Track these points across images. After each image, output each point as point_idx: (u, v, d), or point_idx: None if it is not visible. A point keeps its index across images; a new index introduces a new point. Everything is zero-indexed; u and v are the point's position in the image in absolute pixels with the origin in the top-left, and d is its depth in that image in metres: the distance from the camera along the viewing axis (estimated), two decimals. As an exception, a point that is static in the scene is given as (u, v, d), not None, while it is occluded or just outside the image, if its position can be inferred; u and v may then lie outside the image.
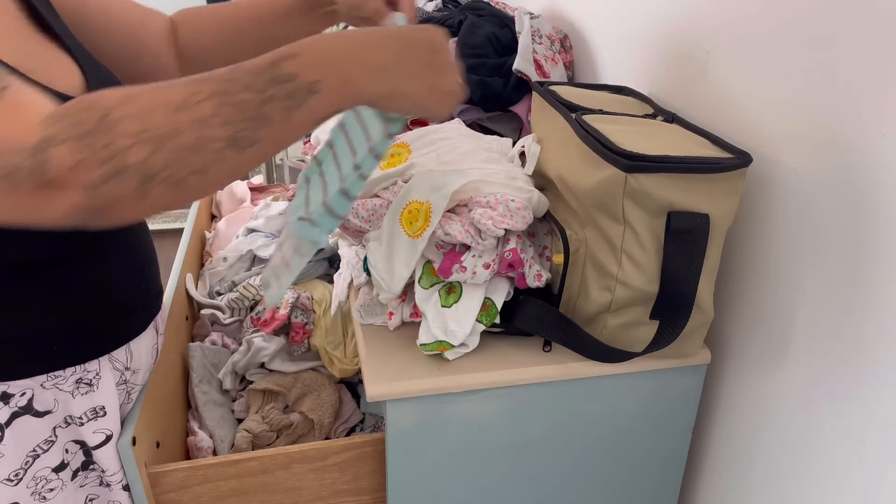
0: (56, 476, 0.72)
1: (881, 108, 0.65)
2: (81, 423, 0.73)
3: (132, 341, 0.77)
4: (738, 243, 0.88)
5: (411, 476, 0.87)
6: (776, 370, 0.83)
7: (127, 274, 0.77)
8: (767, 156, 0.81)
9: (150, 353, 0.83)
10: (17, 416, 0.68)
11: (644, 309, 0.80)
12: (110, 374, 0.75)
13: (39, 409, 0.70)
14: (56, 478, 0.72)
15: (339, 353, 1.17)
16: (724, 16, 0.86)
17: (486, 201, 0.80)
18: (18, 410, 0.68)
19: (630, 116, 0.87)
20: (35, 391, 0.69)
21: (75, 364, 0.71)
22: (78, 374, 0.71)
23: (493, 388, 0.83)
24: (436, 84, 0.59)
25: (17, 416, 0.68)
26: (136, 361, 0.79)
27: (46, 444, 0.71)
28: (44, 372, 0.69)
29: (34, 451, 0.70)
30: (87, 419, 0.73)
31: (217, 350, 1.19)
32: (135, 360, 0.79)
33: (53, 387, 0.70)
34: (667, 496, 1.00)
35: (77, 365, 0.71)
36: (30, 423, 0.70)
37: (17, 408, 0.68)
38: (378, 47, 0.56)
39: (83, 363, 0.72)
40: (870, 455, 0.70)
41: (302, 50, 0.53)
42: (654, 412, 0.91)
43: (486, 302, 0.83)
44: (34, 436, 0.70)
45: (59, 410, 0.71)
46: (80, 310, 0.71)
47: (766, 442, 0.85)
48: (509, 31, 1.23)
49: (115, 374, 0.76)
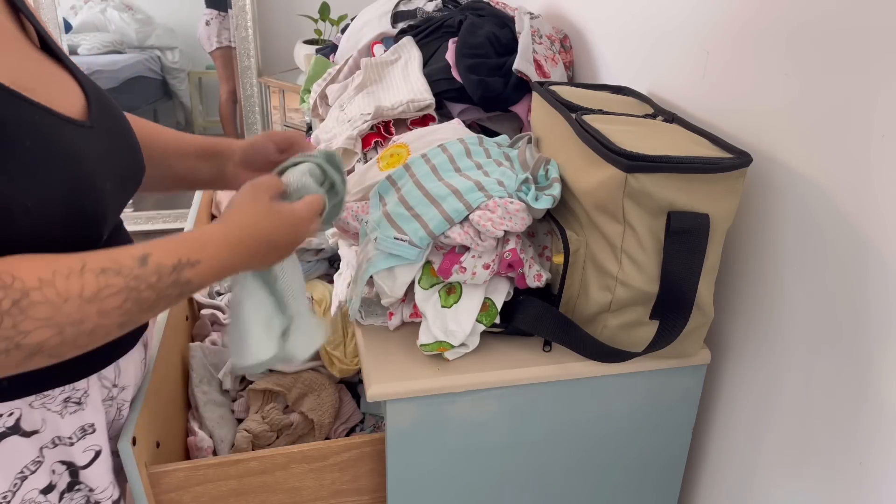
0: (44, 498, 0.71)
1: (881, 108, 0.65)
2: (71, 443, 0.72)
3: (121, 359, 0.77)
4: (738, 243, 0.88)
5: (411, 476, 0.87)
6: (776, 370, 0.83)
7: None
8: (767, 156, 0.81)
9: (138, 369, 0.82)
10: (4, 437, 0.66)
11: (644, 309, 0.80)
12: (98, 391, 0.74)
13: (27, 428, 0.68)
14: (44, 500, 0.71)
15: (339, 353, 1.17)
16: (724, 16, 0.86)
17: (485, 205, 0.80)
18: (6, 431, 0.66)
19: (630, 116, 0.87)
20: (23, 411, 0.67)
21: (64, 384, 0.70)
22: (66, 393, 0.70)
23: (493, 388, 0.83)
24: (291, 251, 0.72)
25: (5, 437, 0.66)
26: (123, 378, 0.78)
27: (34, 464, 0.69)
28: (33, 393, 0.67)
29: (22, 472, 0.68)
30: (77, 438, 0.72)
31: (217, 350, 1.19)
32: (123, 376, 0.78)
33: (42, 406, 0.69)
34: (667, 496, 1.00)
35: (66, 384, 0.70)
36: (17, 443, 0.68)
37: (5, 428, 0.66)
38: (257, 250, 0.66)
39: (72, 382, 0.71)
40: (870, 455, 0.70)
41: (202, 258, 0.61)
42: (654, 412, 0.91)
43: (486, 302, 0.83)
44: (21, 456, 0.68)
45: (47, 430, 0.70)
46: None
47: (766, 442, 0.85)
48: (509, 31, 1.22)
49: (102, 391, 0.75)
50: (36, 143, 0.58)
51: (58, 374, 0.69)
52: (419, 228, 0.80)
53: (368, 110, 1.09)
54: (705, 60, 0.91)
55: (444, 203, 0.79)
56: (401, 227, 0.81)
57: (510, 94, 1.15)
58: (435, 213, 0.79)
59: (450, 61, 1.18)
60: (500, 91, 1.14)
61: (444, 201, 0.80)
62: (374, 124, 1.09)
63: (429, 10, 1.45)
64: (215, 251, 0.62)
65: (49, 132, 0.60)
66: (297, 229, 0.69)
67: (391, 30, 1.38)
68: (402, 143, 0.96)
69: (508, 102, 1.16)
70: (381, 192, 0.87)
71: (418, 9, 1.45)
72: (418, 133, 0.98)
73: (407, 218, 0.81)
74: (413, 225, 0.80)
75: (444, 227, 0.79)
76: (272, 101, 2.59)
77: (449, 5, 1.46)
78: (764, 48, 0.80)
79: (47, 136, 0.59)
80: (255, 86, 2.71)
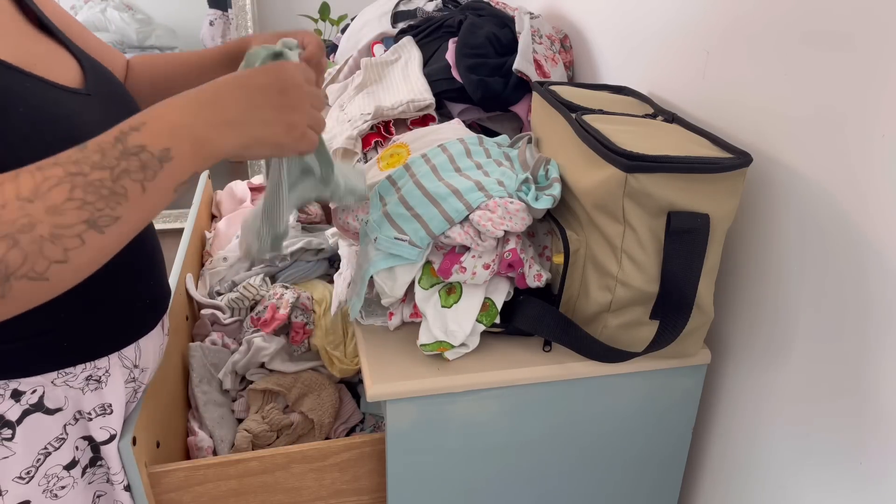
0: (67, 474, 0.73)
1: (881, 108, 0.65)
2: (90, 418, 0.74)
3: (141, 339, 0.78)
4: (738, 243, 0.88)
5: (411, 476, 0.87)
6: (776, 370, 0.83)
7: (136, 272, 0.77)
8: (768, 156, 0.81)
9: (157, 352, 0.84)
10: (28, 414, 0.68)
11: (644, 309, 0.80)
12: (119, 371, 0.75)
13: (51, 406, 0.70)
14: (67, 475, 0.73)
15: (339, 353, 1.17)
16: (724, 16, 0.86)
17: (486, 205, 0.80)
18: (30, 408, 0.69)
19: (630, 116, 0.87)
20: (46, 388, 0.69)
21: (86, 361, 0.71)
22: (88, 371, 0.72)
23: (493, 387, 0.83)
24: (292, 123, 0.59)
25: (29, 414, 0.68)
26: (144, 359, 0.80)
27: (58, 441, 0.71)
28: (55, 369, 0.69)
29: (45, 448, 0.71)
30: (96, 414, 0.74)
31: (217, 350, 1.19)
32: (143, 357, 0.79)
33: (64, 384, 0.70)
34: (667, 496, 1.00)
35: (88, 362, 0.71)
36: (41, 420, 0.70)
37: (29, 405, 0.68)
38: (225, 101, 0.56)
39: (94, 360, 0.72)
40: (870, 455, 0.70)
41: (146, 120, 0.53)
42: (654, 412, 0.91)
43: (486, 302, 0.83)
44: (46, 433, 0.71)
45: (70, 407, 0.72)
46: (90, 307, 0.71)
47: (766, 442, 0.85)
48: (509, 31, 1.22)
49: (124, 371, 0.76)
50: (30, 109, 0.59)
51: (79, 351, 0.71)
52: (419, 228, 0.80)
53: (368, 110, 1.09)
54: (705, 60, 0.91)
55: (444, 203, 0.79)
56: (401, 227, 0.81)
57: (510, 94, 1.15)
58: (435, 213, 0.80)
59: (450, 61, 1.18)
60: (500, 91, 1.14)
61: (444, 201, 0.80)
62: (374, 124, 1.09)
63: (429, 10, 1.45)
64: (165, 109, 0.55)
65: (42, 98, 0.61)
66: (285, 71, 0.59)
67: (391, 30, 1.38)
68: (402, 143, 0.96)
69: (508, 102, 1.16)
70: (381, 192, 0.87)
71: (418, 9, 1.45)
72: (418, 133, 0.98)
73: (407, 218, 0.81)
74: (413, 225, 0.80)
75: (445, 227, 0.79)
76: (272, 101, 2.59)
77: (449, 5, 1.46)
78: (764, 48, 0.80)
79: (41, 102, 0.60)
80: (255, 86, 2.70)
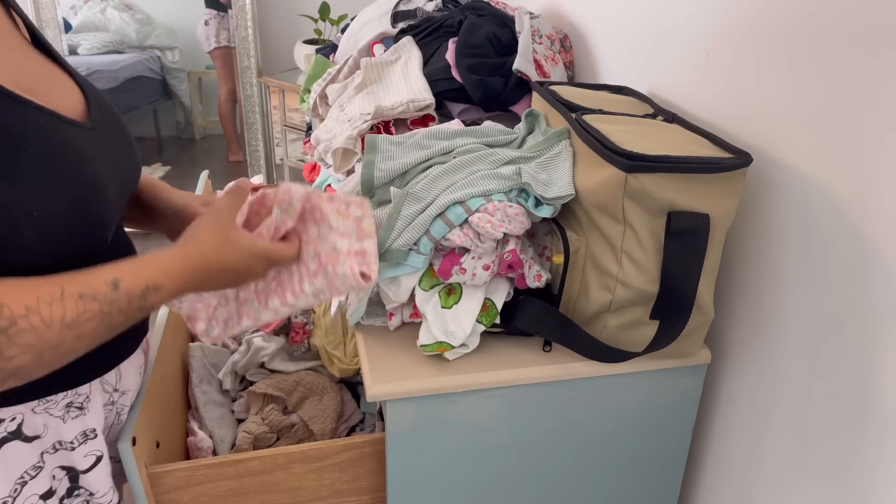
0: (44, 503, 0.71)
1: (881, 108, 0.65)
2: (73, 448, 0.72)
3: (122, 363, 0.77)
4: (738, 243, 0.88)
5: (411, 476, 0.87)
6: (776, 370, 0.83)
7: None
8: (768, 156, 0.81)
9: (137, 374, 0.82)
10: (6, 442, 0.67)
11: (644, 309, 0.79)
12: (100, 396, 0.74)
13: (28, 433, 0.68)
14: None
15: (339, 353, 1.17)
16: (725, 16, 0.86)
17: (485, 208, 0.80)
18: (7, 436, 0.67)
19: (630, 116, 0.87)
20: (25, 416, 0.68)
21: (67, 389, 0.70)
22: (69, 398, 0.70)
23: (493, 388, 0.83)
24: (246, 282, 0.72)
25: (7, 442, 0.67)
26: (124, 383, 0.78)
27: (34, 469, 0.69)
28: (36, 398, 0.68)
29: (22, 477, 0.69)
30: (79, 443, 0.72)
31: (217, 350, 1.19)
32: (123, 381, 0.78)
33: (44, 411, 0.69)
34: (667, 496, 1.00)
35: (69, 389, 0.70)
36: (19, 448, 0.68)
37: (7, 433, 0.67)
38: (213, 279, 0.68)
39: (75, 387, 0.71)
40: (870, 455, 0.70)
41: (166, 284, 0.63)
42: (654, 412, 0.91)
43: (487, 302, 0.83)
44: (22, 462, 0.69)
45: (49, 435, 0.70)
46: None
47: (766, 442, 0.85)
48: (509, 31, 1.22)
49: (104, 395, 0.75)
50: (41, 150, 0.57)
51: (61, 380, 0.69)
52: (422, 235, 0.80)
53: (368, 110, 1.09)
54: (705, 60, 0.91)
55: (444, 207, 0.80)
56: (407, 234, 0.81)
57: (510, 93, 1.15)
58: (436, 217, 0.80)
59: (450, 61, 1.18)
60: (500, 91, 1.14)
61: (444, 205, 0.80)
62: (374, 124, 1.09)
63: (429, 10, 1.45)
64: (178, 276, 0.64)
65: (54, 137, 0.59)
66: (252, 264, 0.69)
67: (391, 30, 1.38)
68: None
69: (508, 102, 1.16)
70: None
71: (418, 9, 1.45)
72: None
73: (412, 225, 0.81)
74: (416, 232, 0.80)
75: (445, 231, 0.79)
76: (272, 100, 2.59)
77: (449, 5, 1.46)
78: (764, 48, 0.80)
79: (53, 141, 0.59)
80: (254, 86, 2.70)
